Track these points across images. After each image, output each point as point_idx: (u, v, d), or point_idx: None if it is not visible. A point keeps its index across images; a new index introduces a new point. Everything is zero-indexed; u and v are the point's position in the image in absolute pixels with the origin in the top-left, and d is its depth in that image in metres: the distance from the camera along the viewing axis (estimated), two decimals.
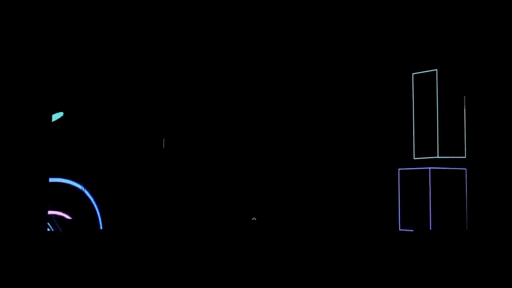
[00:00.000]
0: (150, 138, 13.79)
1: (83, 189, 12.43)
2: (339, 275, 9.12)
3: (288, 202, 12.38)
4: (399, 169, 12.33)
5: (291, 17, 13.02)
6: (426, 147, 11.94)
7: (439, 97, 11.86)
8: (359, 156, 12.29)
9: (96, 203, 12.69)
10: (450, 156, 11.80)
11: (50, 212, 11.88)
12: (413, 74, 12.19)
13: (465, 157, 11.84)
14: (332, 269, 9.16)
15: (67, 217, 12.35)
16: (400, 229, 12.14)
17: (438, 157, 11.80)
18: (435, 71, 11.91)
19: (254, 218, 11.65)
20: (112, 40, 12.59)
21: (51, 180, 11.88)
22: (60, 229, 11.58)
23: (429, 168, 11.88)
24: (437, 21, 11.56)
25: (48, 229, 10.60)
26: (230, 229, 11.64)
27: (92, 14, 12.25)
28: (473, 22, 11.40)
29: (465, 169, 11.82)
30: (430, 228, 11.52)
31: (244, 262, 9.33)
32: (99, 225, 12.60)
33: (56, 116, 11.76)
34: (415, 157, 12.10)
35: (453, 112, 11.87)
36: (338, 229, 11.05)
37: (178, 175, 12.85)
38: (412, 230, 10.88)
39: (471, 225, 11.36)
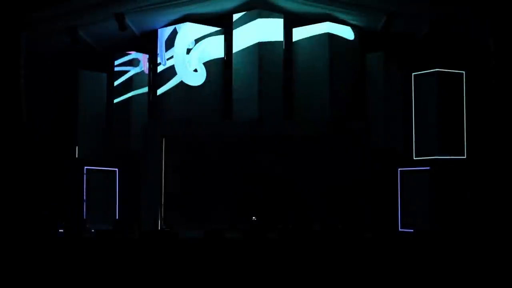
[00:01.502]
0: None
1: None
2: (339, 275, 9.12)
3: (287, 201, 12.37)
4: (399, 169, 12.31)
5: None
6: (426, 147, 11.93)
7: (440, 97, 11.85)
8: (359, 156, 12.25)
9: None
10: (450, 156, 11.79)
11: None
12: (413, 74, 12.17)
13: (465, 157, 11.84)
14: (332, 269, 9.16)
15: None
16: (400, 229, 12.13)
17: (438, 157, 11.80)
18: (435, 71, 11.91)
19: (254, 218, 11.65)
20: None
21: None
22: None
23: (429, 168, 11.88)
24: (437, 20, 11.55)
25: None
26: (230, 228, 11.63)
27: None
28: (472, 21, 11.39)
29: (465, 169, 11.81)
30: (430, 228, 11.52)
31: (243, 262, 9.32)
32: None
33: None
34: (415, 157, 12.08)
35: (453, 112, 11.86)
36: (338, 229, 11.02)
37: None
38: (412, 230, 10.87)
39: (471, 225, 11.36)
